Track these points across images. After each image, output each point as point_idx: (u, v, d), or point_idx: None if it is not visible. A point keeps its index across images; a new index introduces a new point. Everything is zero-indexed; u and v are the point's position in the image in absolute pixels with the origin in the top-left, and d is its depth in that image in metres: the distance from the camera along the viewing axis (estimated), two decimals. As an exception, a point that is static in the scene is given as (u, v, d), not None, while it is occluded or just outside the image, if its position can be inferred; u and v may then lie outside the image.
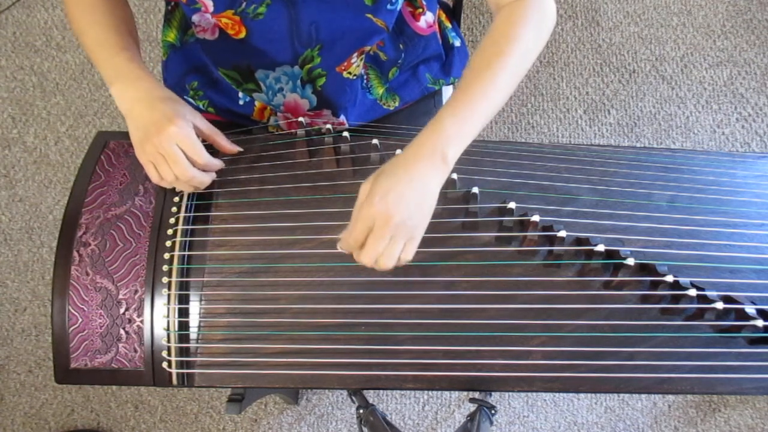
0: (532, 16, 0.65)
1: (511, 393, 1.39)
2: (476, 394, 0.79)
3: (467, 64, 0.66)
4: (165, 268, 0.67)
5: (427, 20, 0.85)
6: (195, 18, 0.73)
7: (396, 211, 0.58)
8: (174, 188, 0.71)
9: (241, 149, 0.73)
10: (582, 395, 1.40)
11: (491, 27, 0.66)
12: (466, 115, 0.61)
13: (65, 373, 0.67)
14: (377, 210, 0.58)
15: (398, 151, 0.70)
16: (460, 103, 0.62)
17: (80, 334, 0.67)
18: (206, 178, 0.68)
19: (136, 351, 0.66)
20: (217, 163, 0.70)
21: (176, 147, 0.64)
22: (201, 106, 0.86)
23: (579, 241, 0.68)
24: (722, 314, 0.65)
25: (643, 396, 1.39)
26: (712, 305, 0.64)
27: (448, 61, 0.92)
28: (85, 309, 0.67)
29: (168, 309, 0.66)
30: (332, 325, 0.66)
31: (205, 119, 0.70)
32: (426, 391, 1.38)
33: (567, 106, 1.60)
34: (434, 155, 0.60)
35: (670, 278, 0.65)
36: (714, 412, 1.39)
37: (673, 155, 0.79)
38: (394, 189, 0.58)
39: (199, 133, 0.68)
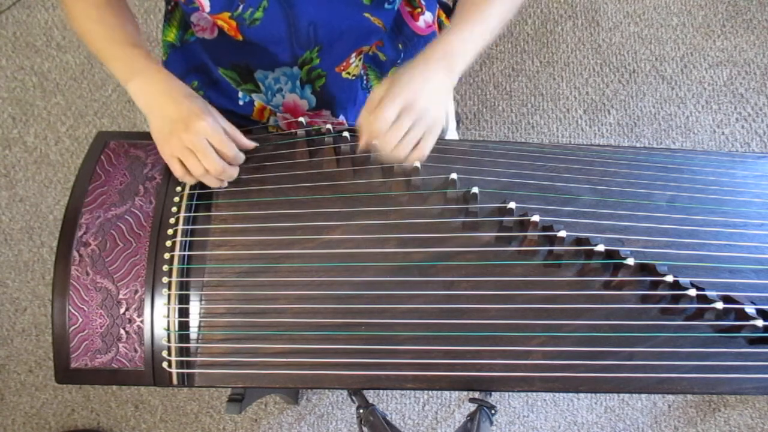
0: None
1: (511, 393, 1.39)
2: (476, 394, 0.79)
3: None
4: (165, 268, 0.67)
5: (426, 20, 0.85)
6: (194, 17, 0.73)
7: (420, 95, 0.63)
8: (180, 186, 0.71)
9: (257, 144, 0.73)
10: (582, 395, 1.40)
11: None
12: (467, 36, 0.67)
13: (65, 373, 0.67)
14: (406, 94, 0.62)
15: None
16: (462, 24, 0.68)
17: (80, 334, 0.67)
18: (234, 171, 0.70)
19: (136, 351, 0.66)
20: (242, 156, 0.71)
21: (206, 141, 0.65)
22: (201, 106, 0.86)
23: (579, 241, 0.68)
24: (722, 314, 0.65)
25: (643, 396, 1.39)
26: (712, 305, 0.64)
27: (448, 60, 0.92)
28: (86, 309, 0.67)
29: (168, 309, 0.66)
30: (332, 325, 0.66)
31: (224, 117, 0.70)
32: (426, 391, 1.38)
33: (567, 106, 1.60)
34: (443, 61, 0.65)
35: (670, 278, 0.65)
36: (714, 412, 1.39)
37: (672, 155, 0.79)
38: (415, 80, 0.64)
39: None
